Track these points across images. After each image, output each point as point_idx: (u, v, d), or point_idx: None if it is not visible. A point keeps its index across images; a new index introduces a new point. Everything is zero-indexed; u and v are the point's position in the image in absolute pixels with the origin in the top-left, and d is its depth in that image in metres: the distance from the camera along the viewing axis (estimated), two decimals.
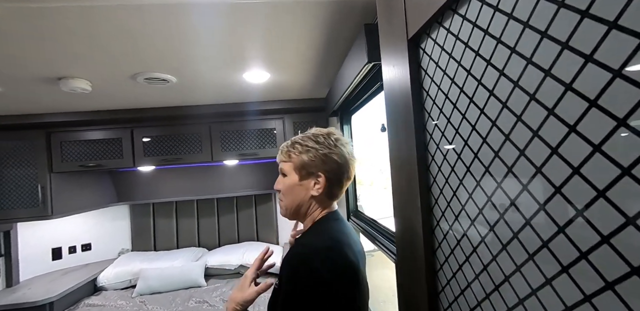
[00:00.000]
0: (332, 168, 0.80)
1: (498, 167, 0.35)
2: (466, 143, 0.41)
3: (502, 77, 0.34)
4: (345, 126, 2.05)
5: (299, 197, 0.82)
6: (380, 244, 1.28)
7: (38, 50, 1.12)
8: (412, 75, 0.52)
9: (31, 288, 2.23)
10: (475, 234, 0.40)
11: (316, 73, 1.70)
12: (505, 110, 0.34)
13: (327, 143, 0.82)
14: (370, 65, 1.06)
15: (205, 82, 1.66)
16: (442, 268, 0.47)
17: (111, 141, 2.27)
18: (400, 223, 0.61)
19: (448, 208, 0.45)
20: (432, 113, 0.49)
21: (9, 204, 2.10)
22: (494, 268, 0.37)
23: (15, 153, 2.12)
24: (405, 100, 0.54)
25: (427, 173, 0.51)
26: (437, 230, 0.49)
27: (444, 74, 0.44)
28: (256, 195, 3.05)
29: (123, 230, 2.94)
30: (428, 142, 0.51)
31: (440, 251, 0.48)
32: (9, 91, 1.53)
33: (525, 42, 0.31)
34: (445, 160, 0.46)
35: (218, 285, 2.43)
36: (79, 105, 1.93)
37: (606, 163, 0.25)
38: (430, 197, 0.50)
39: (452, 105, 0.43)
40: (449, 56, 0.43)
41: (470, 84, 0.39)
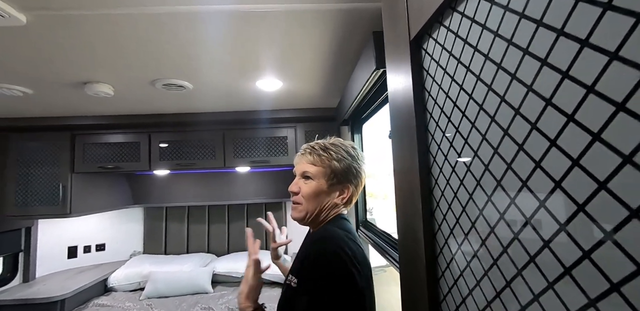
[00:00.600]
0: (358, 182, 0.85)
1: (501, 172, 0.34)
2: (466, 142, 0.39)
3: (500, 71, 0.33)
4: (356, 135, 2.04)
5: (322, 203, 0.83)
6: (390, 257, 1.25)
7: (67, 55, 1.19)
8: (414, 77, 0.51)
9: (46, 284, 2.28)
10: (477, 239, 0.38)
11: (327, 82, 1.71)
12: (503, 104, 0.33)
13: (357, 158, 0.86)
14: (379, 72, 1.06)
15: (219, 89, 1.71)
16: (444, 276, 0.45)
17: (130, 144, 2.34)
18: (402, 229, 0.60)
19: (449, 211, 0.43)
20: (434, 114, 0.48)
21: (32, 201, 2.19)
22: (495, 274, 0.35)
23: (42, 153, 2.23)
24: (407, 103, 0.53)
25: (429, 177, 0.49)
26: (439, 236, 0.47)
27: (445, 73, 0.44)
28: (266, 203, 3.05)
29: (136, 232, 2.99)
30: (430, 144, 0.49)
31: (442, 258, 0.46)
32: (39, 94, 1.62)
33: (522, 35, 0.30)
34: (446, 162, 0.44)
35: (224, 292, 2.41)
36: (102, 109, 2.02)
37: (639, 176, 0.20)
38: (432, 201, 0.49)
39: (453, 103, 0.42)
40: (449, 54, 0.42)
41: (470, 81, 0.38)
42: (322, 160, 0.83)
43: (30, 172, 2.21)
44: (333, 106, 2.27)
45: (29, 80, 1.44)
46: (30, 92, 1.56)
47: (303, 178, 0.85)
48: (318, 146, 0.86)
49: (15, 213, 2.16)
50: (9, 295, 2.12)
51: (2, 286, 2.23)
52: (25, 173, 2.20)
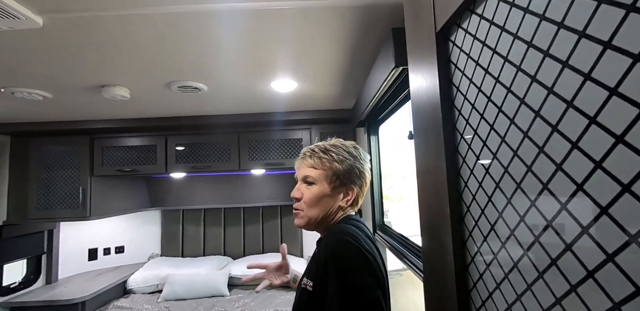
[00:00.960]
0: (362, 183, 0.83)
1: (548, 174, 0.30)
2: (503, 140, 0.35)
3: (548, 59, 0.29)
4: (373, 137, 2.00)
5: (326, 207, 0.80)
6: (409, 262, 1.20)
7: (84, 58, 1.21)
8: (440, 72, 0.48)
9: (67, 286, 2.33)
10: (517, 248, 0.34)
11: (343, 82, 1.69)
12: (551, 97, 0.29)
13: (360, 157, 0.83)
14: (399, 70, 1.02)
15: (234, 90, 1.70)
16: (476, 287, 0.41)
17: (147, 148, 2.38)
18: (427, 235, 0.56)
19: (482, 216, 0.40)
20: (464, 111, 0.44)
21: (54, 204, 2.25)
22: (540, 287, 0.31)
23: (62, 157, 2.29)
24: (432, 100, 0.50)
25: (458, 179, 0.45)
26: (470, 243, 0.43)
27: (477, 66, 0.40)
28: (281, 206, 3.04)
29: (154, 235, 3.03)
30: (458, 144, 0.45)
31: (473, 268, 0.42)
32: (58, 98, 1.66)
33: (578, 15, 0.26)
34: (479, 163, 0.40)
35: (241, 295, 2.40)
36: (119, 112, 2.05)
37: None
38: (461, 205, 0.45)
39: (487, 98, 0.38)
40: (482, 45, 0.39)
41: (508, 73, 0.34)
42: (322, 163, 0.80)
43: (51, 175, 2.27)
44: (348, 107, 2.24)
45: (47, 84, 1.47)
46: (50, 96, 1.60)
47: (305, 183, 0.82)
48: (318, 148, 0.83)
49: (38, 216, 2.22)
50: (33, 296, 2.17)
51: (27, 288, 2.29)
52: (47, 177, 2.27)
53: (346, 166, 0.79)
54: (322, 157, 0.80)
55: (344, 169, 0.79)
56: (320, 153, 0.81)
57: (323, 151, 0.81)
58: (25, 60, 1.20)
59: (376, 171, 1.93)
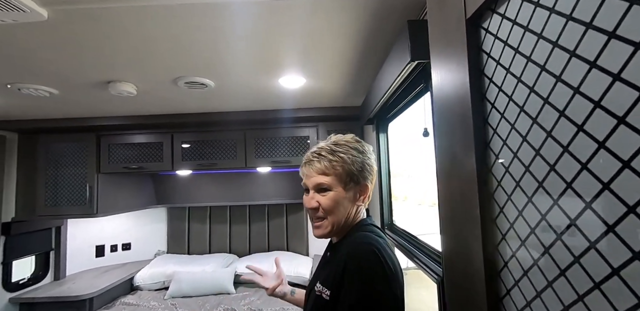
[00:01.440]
0: (372, 178, 0.80)
1: (611, 172, 0.26)
2: (550, 135, 0.32)
3: (614, 40, 0.26)
4: (382, 134, 1.96)
5: (346, 210, 0.76)
6: (420, 262, 1.17)
7: (90, 52, 1.19)
8: (471, 62, 0.44)
9: (75, 283, 2.34)
10: (564, 254, 0.31)
11: (352, 79, 1.65)
12: (618, 83, 0.25)
13: (367, 151, 0.79)
14: (413, 64, 0.99)
15: (242, 86, 1.68)
16: (510, 294, 0.38)
17: (153, 145, 2.36)
18: (450, 238, 0.52)
19: (520, 218, 0.36)
20: (498, 104, 0.40)
21: (62, 201, 2.25)
22: (596, 299, 0.28)
23: (69, 154, 2.29)
24: (460, 92, 0.46)
25: (489, 178, 0.42)
26: (503, 246, 0.39)
27: (517, 53, 0.36)
28: (287, 204, 3.02)
29: (160, 232, 3.03)
30: (490, 140, 0.42)
31: (507, 274, 0.39)
32: (65, 94, 1.64)
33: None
34: (517, 160, 0.37)
35: (247, 293, 2.39)
36: (125, 109, 2.04)
37: None
38: (493, 205, 0.41)
39: (529, 89, 0.35)
40: (524, 30, 0.35)
41: (558, 59, 0.31)
42: (334, 167, 0.74)
43: (58, 172, 2.27)
44: (357, 105, 2.20)
45: (53, 80, 1.45)
46: (56, 92, 1.59)
47: (318, 191, 0.76)
48: (324, 151, 0.76)
49: (46, 213, 2.23)
50: (42, 292, 2.18)
51: (35, 284, 2.30)
52: (54, 174, 2.27)
53: (358, 165, 0.75)
54: (332, 160, 0.74)
55: (356, 169, 0.75)
56: (329, 155, 0.75)
57: (331, 153, 0.75)
58: (31, 55, 1.18)
59: (385, 170, 1.89)
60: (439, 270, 0.95)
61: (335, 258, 0.73)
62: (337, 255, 0.73)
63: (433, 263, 1.04)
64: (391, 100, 1.46)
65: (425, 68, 1.04)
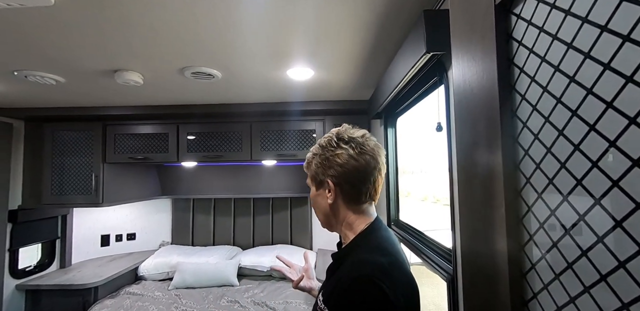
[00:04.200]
0: (338, 172, 0.70)
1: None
2: (593, 128, 0.29)
3: None
4: (390, 129, 1.93)
5: (321, 207, 0.76)
6: (428, 259, 1.15)
7: (97, 39, 1.16)
8: (499, 51, 0.41)
9: (81, 271, 2.36)
10: (606, 255, 0.28)
11: (362, 72, 1.61)
12: None
13: (329, 146, 0.72)
14: (428, 56, 0.95)
15: (249, 78, 1.65)
16: (537, 298, 0.36)
17: (158, 136, 2.35)
18: (469, 237, 0.50)
19: (553, 218, 0.34)
20: (530, 96, 0.38)
21: (68, 190, 2.25)
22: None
23: (75, 143, 2.28)
24: (485, 84, 0.44)
25: (517, 174, 0.39)
26: (531, 247, 0.37)
27: (555, 40, 0.33)
28: (292, 197, 3.01)
29: (165, 223, 3.04)
30: (519, 134, 0.39)
31: (534, 277, 0.36)
32: (71, 82, 1.63)
33: None
34: (550, 155, 0.34)
35: (250, 285, 2.40)
36: (131, 99, 2.02)
37: None
38: (520, 204, 0.39)
39: (569, 79, 0.32)
40: (564, 14, 0.32)
41: (607, 45, 0.28)
42: (307, 167, 0.78)
43: (64, 161, 2.27)
44: (365, 98, 2.16)
45: (60, 68, 1.44)
46: (63, 80, 1.57)
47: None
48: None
49: (52, 201, 2.24)
50: (48, 279, 2.21)
51: (41, 271, 2.33)
52: (60, 162, 2.27)
53: (316, 162, 0.74)
54: (305, 161, 0.79)
55: (315, 167, 0.74)
56: (307, 159, 0.79)
57: (308, 155, 0.79)
58: (38, 41, 1.16)
59: (393, 166, 1.87)
60: (448, 268, 0.93)
61: (337, 272, 0.68)
62: (340, 269, 0.68)
63: (442, 260, 1.02)
64: (402, 93, 1.43)
65: (440, 60, 1.00)
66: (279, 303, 2.10)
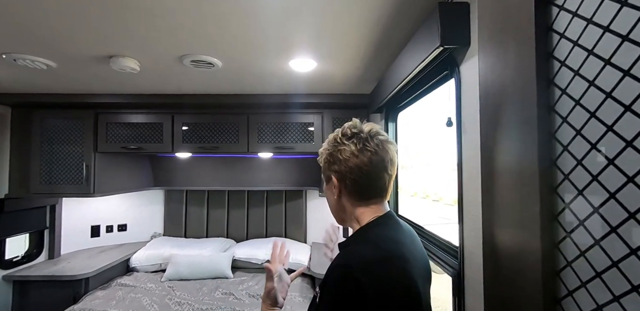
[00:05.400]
0: (340, 169, 0.70)
1: None
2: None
3: None
4: (391, 123, 1.92)
5: (330, 202, 0.78)
6: (430, 253, 1.16)
7: (92, 23, 1.10)
8: (538, 43, 0.40)
9: (70, 262, 2.31)
10: None
11: (365, 65, 1.59)
12: None
13: (335, 142, 0.73)
14: (439, 50, 0.94)
15: (250, 68, 1.61)
16: (573, 296, 0.35)
17: (152, 125, 2.29)
18: (494, 234, 0.50)
19: (596, 216, 0.33)
20: (573, 90, 0.36)
21: (57, 179, 2.18)
22: None
23: (65, 131, 2.20)
24: (522, 79, 0.42)
25: (553, 171, 0.39)
26: (567, 244, 0.36)
27: (607, 32, 0.32)
28: (287, 191, 3.00)
29: (157, 214, 3.00)
30: (557, 129, 0.39)
31: (569, 274, 0.36)
32: (63, 68, 1.55)
33: None
34: (595, 152, 0.33)
35: (244, 278, 2.39)
36: (126, 87, 1.95)
37: None
38: (555, 201, 0.38)
39: (623, 73, 0.31)
40: (620, 4, 0.31)
41: None
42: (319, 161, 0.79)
43: (53, 149, 2.19)
44: (365, 92, 2.14)
45: (52, 52, 1.37)
46: (54, 65, 1.50)
47: None
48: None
49: (41, 190, 2.16)
50: (36, 270, 2.15)
51: (29, 262, 2.27)
52: (49, 150, 2.19)
53: (324, 157, 0.75)
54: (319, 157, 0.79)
55: (324, 162, 0.75)
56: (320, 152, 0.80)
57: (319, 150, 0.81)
58: (29, 23, 1.10)
59: None
60: (453, 263, 0.94)
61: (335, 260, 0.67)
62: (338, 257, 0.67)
63: (447, 255, 1.03)
64: (407, 88, 1.42)
65: (452, 54, 0.99)
66: None
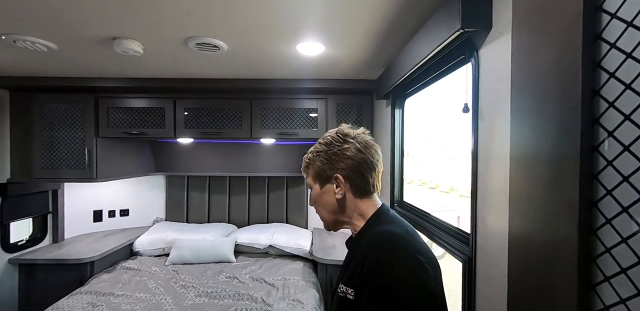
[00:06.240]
0: (347, 165, 0.74)
1: None
2: None
3: None
4: (397, 110, 1.89)
5: (328, 205, 0.78)
6: (439, 239, 1.17)
7: (97, 4, 1.06)
8: (585, 24, 0.38)
9: (75, 246, 2.33)
10: None
11: (375, 48, 1.55)
12: None
13: (335, 142, 0.76)
14: (458, 33, 0.91)
15: (256, 51, 1.57)
16: (610, 282, 0.35)
17: (154, 110, 2.26)
18: (523, 221, 0.50)
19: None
20: (621, 73, 0.35)
21: (59, 164, 2.16)
22: None
23: (66, 116, 2.16)
24: (563, 62, 0.41)
25: (595, 156, 0.38)
26: (606, 232, 0.36)
27: None
28: (288, 177, 3.00)
29: (158, 200, 3.01)
30: (602, 114, 0.38)
31: (608, 260, 0.36)
32: (64, 50, 1.51)
33: None
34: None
35: (247, 262, 2.43)
36: (128, 71, 1.91)
37: None
38: (596, 187, 0.38)
39: None
40: None
41: None
42: (306, 167, 0.81)
43: (54, 134, 2.16)
44: (371, 78, 2.11)
45: (53, 33, 1.32)
46: (55, 47, 1.45)
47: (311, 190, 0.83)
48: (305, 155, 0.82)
49: (43, 175, 2.15)
50: (41, 254, 2.17)
51: (34, 246, 2.28)
52: (50, 135, 2.16)
53: (321, 160, 0.76)
54: (305, 164, 0.81)
55: (321, 163, 0.76)
56: (304, 160, 0.81)
57: (305, 157, 0.81)
58: (30, 1, 1.05)
59: (398, 148, 1.85)
60: (464, 249, 0.95)
61: (355, 257, 0.71)
62: (357, 254, 0.70)
63: (456, 241, 1.04)
64: (417, 73, 1.39)
65: (470, 38, 0.96)
66: (278, 279, 2.14)
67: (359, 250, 0.70)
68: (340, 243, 2.48)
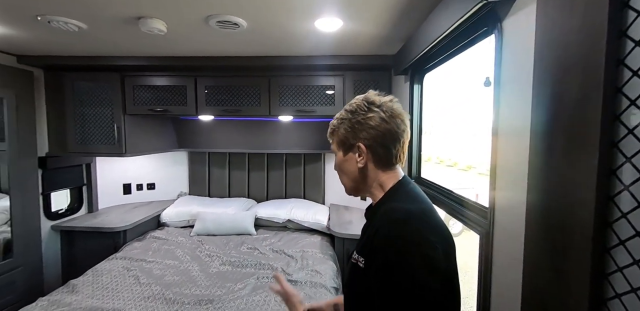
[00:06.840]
0: (370, 135, 0.72)
1: None
2: None
3: None
4: (416, 86, 1.87)
5: (349, 173, 0.78)
6: (457, 213, 1.20)
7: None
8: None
9: (108, 216, 2.51)
10: None
11: (395, 22, 1.51)
12: None
13: (360, 110, 0.74)
14: (481, 4, 0.88)
15: (275, 28, 1.56)
16: (625, 245, 0.38)
17: (177, 88, 2.31)
18: (541, 190, 0.52)
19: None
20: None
21: (91, 140, 2.29)
22: None
23: (95, 93, 2.26)
24: (588, 32, 0.41)
25: (616, 125, 0.39)
26: (624, 198, 0.38)
27: None
28: (305, 154, 3.05)
29: (182, 175, 3.14)
30: (625, 84, 0.38)
31: (624, 225, 0.38)
32: (93, 29, 1.55)
33: None
34: None
35: (267, 235, 2.55)
36: (151, 49, 1.95)
37: None
38: (615, 155, 0.39)
39: None
40: None
41: None
42: (331, 133, 0.80)
43: (85, 111, 2.27)
44: (390, 53, 2.06)
45: (84, 14, 1.36)
46: (85, 27, 1.50)
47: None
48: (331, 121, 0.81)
49: (77, 150, 2.29)
50: (79, 222, 2.36)
51: (72, 215, 2.47)
52: (82, 112, 2.27)
53: (345, 127, 0.75)
54: (331, 130, 0.80)
55: (344, 131, 0.75)
56: (330, 126, 0.80)
57: (330, 123, 0.80)
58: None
59: (417, 124, 1.85)
60: (482, 222, 0.98)
61: (369, 228, 0.72)
62: (371, 225, 0.72)
63: (475, 215, 1.06)
64: (438, 47, 1.36)
65: (493, 9, 0.93)
66: (297, 251, 2.26)
67: (374, 221, 0.72)
68: (356, 218, 2.55)
